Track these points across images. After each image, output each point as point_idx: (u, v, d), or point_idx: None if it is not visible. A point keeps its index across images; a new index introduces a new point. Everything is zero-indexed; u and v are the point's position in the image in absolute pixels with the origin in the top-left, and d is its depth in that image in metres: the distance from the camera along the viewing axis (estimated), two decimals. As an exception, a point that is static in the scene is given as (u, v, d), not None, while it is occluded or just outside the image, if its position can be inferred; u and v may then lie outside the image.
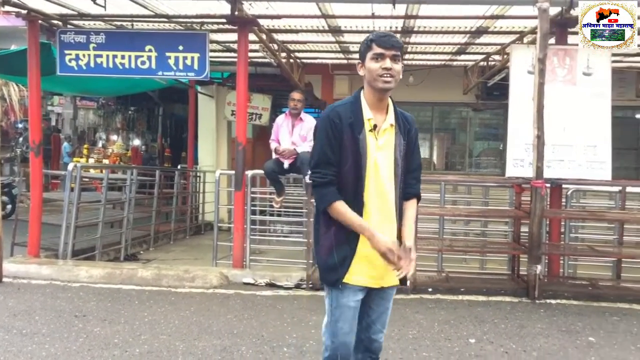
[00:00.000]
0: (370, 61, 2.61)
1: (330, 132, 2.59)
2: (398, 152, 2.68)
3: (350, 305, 2.65)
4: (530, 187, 6.15)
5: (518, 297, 6.21)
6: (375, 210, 2.63)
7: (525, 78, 6.55)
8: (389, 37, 2.61)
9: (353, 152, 2.59)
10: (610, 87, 6.58)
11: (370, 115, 2.64)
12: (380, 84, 2.59)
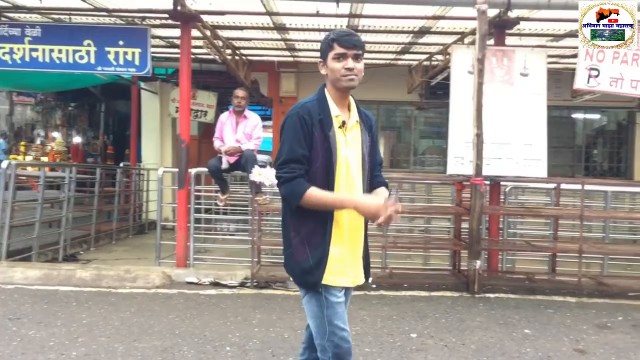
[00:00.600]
0: (333, 61, 2.58)
1: (300, 129, 2.53)
2: (365, 147, 2.68)
3: (339, 301, 2.60)
4: (470, 184, 6.31)
5: (459, 292, 6.36)
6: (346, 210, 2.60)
7: (465, 78, 6.70)
8: (350, 36, 2.57)
9: (323, 150, 2.54)
10: (545, 87, 6.81)
11: (338, 112, 2.62)
12: (344, 84, 2.57)
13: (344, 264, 2.61)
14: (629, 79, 6.36)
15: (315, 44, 9.67)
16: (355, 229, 2.65)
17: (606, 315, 5.66)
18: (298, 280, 2.64)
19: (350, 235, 2.63)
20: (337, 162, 2.57)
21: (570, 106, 12.27)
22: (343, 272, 2.62)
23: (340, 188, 2.58)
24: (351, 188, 2.61)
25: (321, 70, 2.66)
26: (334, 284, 2.58)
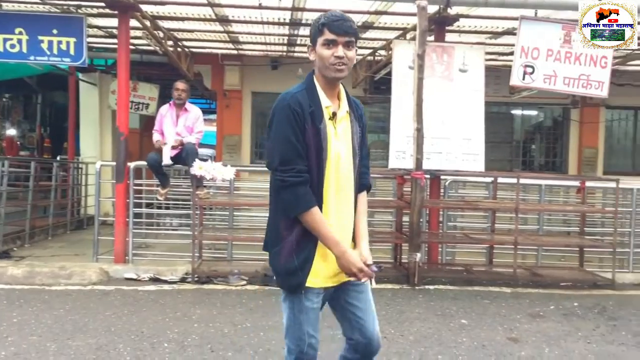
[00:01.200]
0: (322, 47, 2.39)
1: (293, 121, 2.35)
2: (355, 140, 2.51)
3: (314, 307, 2.49)
4: (411, 178, 6.40)
5: (400, 284, 6.46)
6: (333, 207, 2.45)
7: (406, 73, 6.79)
8: (342, 22, 2.36)
9: (315, 144, 2.38)
10: (483, 84, 6.97)
11: (328, 103, 2.44)
12: (332, 73, 2.39)
13: (325, 262, 2.46)
14: (562, 77, 6.58)
15: (259, 37, 9.60)
16: (343, 225, 2.49)
17: (539, 304, 5.86)
18: (280, 281, 2.49)
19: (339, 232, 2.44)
20: (327, 158, 2.41)
21: (509, 102, 12.61)
22: (324, 273, 2.47)
23: (329, 185, 2.43)
24: (340, 185, 2.46)
25: (310, 56, 2.48)
26: (314, 285, 2.44)
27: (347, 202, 2.50)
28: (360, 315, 2.58)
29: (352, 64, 2.46)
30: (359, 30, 8.35)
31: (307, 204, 2.34)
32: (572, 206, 7.50)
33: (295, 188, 2.34)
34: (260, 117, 12.94)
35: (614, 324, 5.25)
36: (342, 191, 2.47)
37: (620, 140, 13.21)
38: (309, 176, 2.37)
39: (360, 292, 2.57)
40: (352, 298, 2.56)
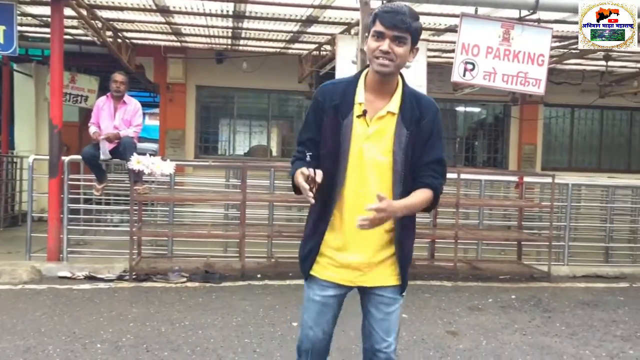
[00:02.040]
0: (371, 39, 2.28)
1: (314, 110, 2.37)
2: (397, 144, 2.30)
3: (315, 299, 2.47)
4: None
5: (342, 279, 6.44)
6: (353, 204, 2.33)
7: (350, 68, 6.76)
8: (393, 14, 2.23)
9: (333, 137, 2.31)
10: (426, 80, 7.03)
11: (362, 99, 2.32)
12: (375, 67, 2.27)
13: (339, 259, 2.40)
14: (501, 74, 6.69)
15: (203, 29, 9.40)
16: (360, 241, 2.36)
17: (478, 297, 5.97)
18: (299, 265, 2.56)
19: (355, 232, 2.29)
20: (349, 154, 2.30)
21: (453, 99, 12.82)
22: (334, 269, 2.42)
23: (350, 182, 2.32)
24: (364, 185, 2.32)
25: (364, 46, 2.37)
26: (321, 276, 2.43)
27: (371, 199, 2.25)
28: (373, 324, 2.49)
29: (403, 62, 2.30)
30: (302, 24, 8.38)
31: (292, 172, 2.32)
32: (511, 201, 7.66)
33: (295, 162, 2.35)
34: (205, 111, 12.73)
35: (548, 315, 5.39)
36: (366, 194, 2.30)
37: (558, 137, 13.63)
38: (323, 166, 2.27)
39: (380, 303, 2.46)
40: (372, 305, 2.49)
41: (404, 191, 2.32)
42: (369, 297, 2.48)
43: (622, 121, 13.73)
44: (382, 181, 2.32)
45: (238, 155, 12.98)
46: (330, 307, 2.50)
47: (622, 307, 5.75)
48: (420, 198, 2.31)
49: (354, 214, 2.27)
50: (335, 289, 2.46)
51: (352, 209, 2.33)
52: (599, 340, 4.69)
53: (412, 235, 2.53)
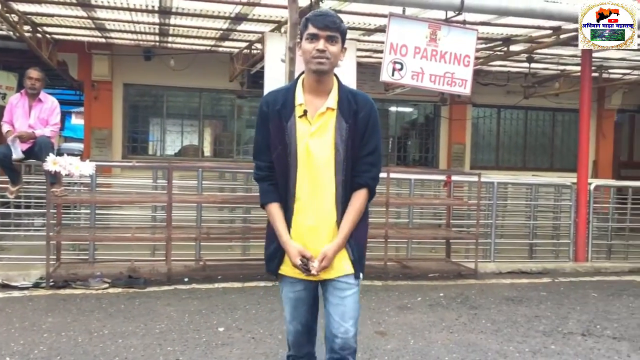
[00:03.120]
0: (305, 41, 2.48)
1: (260, 120, 2.56)
2: (338, 137, 2.50)
3: (289, 296, 2.66)
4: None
5: (272, 282, 6.32)
6: (307, 201, 2.53)
7: (279, 66, 6.67)
8: (324, 17, 2.47)
9: (280, 140, 2.50)
10: (355, 79, 7.02)
11: (301, 101, 2.51)
12: (313, 66, 2.46)
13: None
14: (429, 74, 6.76)
15: (128, 24, 9.07)
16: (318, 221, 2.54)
17: (407, 296, 5.98)
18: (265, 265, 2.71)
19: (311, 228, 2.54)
20: (297, 153, 2.50)
21: (384, 99, 12.94)
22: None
23: (301, 180, 2.51)
24: (314, 180, 2.52)
25: (298, 52, 2.56)
26: (285, 273, 2.61)
27: (323, 198, 2.53)
28: (330, 309, 2.60)
29: (337, 60, 2.51)
30: (232, 21, 8.21)
31: (264, 199, 2.58)
32: (439, 199, 7.76)
33: (259, 184, 2.61)
34: (134, 110, 12.34)
35: (475, 312, 5.46)
36: (318, 187, 2.52)
37: (485, 137, 14.01)
38: (277, 170, 2.53)
39: (335, 288, 2.59)
40: (328, 292, 2.61)
41: (345, 176, 2.52)
42: (327, 287, 2.62)
43: (545, 121, 14.25)
44: (327, 173, 2.51)
45: (169, 155, 12.65)
46: (302, 300, 2.66)
47: (544, 302, 5.90)
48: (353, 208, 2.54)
49: (307, 210, 2.53)
50: (302, 283, 2.61)
51: (306, 205, 2.53)
52: (523, 336, 4.77)
53: (362, 228, 2.64)
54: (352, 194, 2.55)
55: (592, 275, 7.30)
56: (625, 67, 11.11)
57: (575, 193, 7.96)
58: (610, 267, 7.72)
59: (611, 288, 6.62)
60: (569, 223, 8.21)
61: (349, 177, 2.53)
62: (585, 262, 7.81)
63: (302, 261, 2.49)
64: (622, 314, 5.51)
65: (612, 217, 9.20)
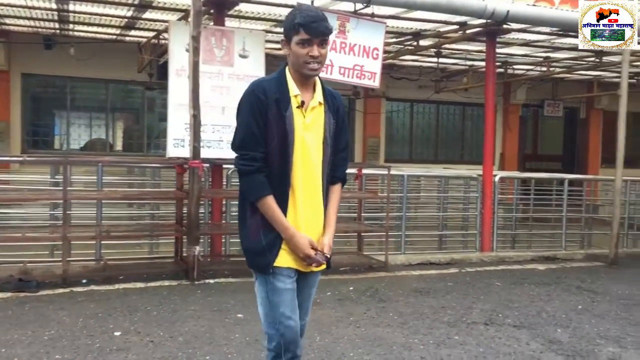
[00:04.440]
0: (297, 46, 2.45)
1: (255, 108, 2.45)
2: (328, 131, 2.56)
3: (287, 288, 2.54)
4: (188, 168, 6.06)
5: (178, 280, 6.09)
6: (302, 192, 2.53)
7: (184, 56, 6.39)
8: (318, 23, 2.43)
9: (279, 130, 2.46)
10: (264, 70, 6.85)
11: (297, 92, 2.51)
12: (307, 71, 2.48)
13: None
14: (338, 66, 6.71)
15: (23, 10, 8.48)
16: (313, 212, 2.57)
17: (317, 291, 5.73)
18: (249, 262, 2.59)
19: (307, 219, 2.55)
20: (295, 144, 2.48)
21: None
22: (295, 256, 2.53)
23: (297, 171, 2.50)
24: (309, 173, 2.54)
25: (283, 49, 2.53)
26: (286, 264, 2.52)
27: (316, 190, 2.57)
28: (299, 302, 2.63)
29: (325, 60, 2.54)
30: (136, 9, 7.84)
31: (258, 192, 2.47)
32: (350, 193, 7.74)
33: (249, 177, 2.49)
34: (34, 102, 11.61)
35: (383, 305, 5.46)
36: (311, 179, 2.54)
37: (399, 131, 14.22)
38: (273, 161, 2.47)
39: (306, 285, 2.66)
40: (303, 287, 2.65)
41: (329, 171, 2.60)
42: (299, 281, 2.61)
43: (455, 115, 14.64)
44: (317, 166, 2.55)
45: (74, 149, 12.00)
46: (295, 292, 2.60)
47: (450, 293, 5.99)
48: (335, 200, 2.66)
49: (303, 202, 2.53)
50: (295, 274, 2.58)
51: (302, 194, 2.53)
52: (428, 328, 4.80)
53: None
54: (330, 187, 2.64)
55: (496, 265, 7.52)
56: (528, 63, 11.57)
57: (481, 185, 8.17)
58: (514, 256, 7.98)
59: (514, 277, 6.83)
60: (476, 214, 8.43)
61: (330, 168, 2.61)
62: (491, 251, 8.04)
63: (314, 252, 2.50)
64: (523, 302, 5.68)
65: (516, 208, 9.53)
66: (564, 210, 9.10)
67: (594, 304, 5.65)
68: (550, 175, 10.71)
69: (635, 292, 6.18)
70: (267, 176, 2.48)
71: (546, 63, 11.30)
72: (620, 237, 8.37)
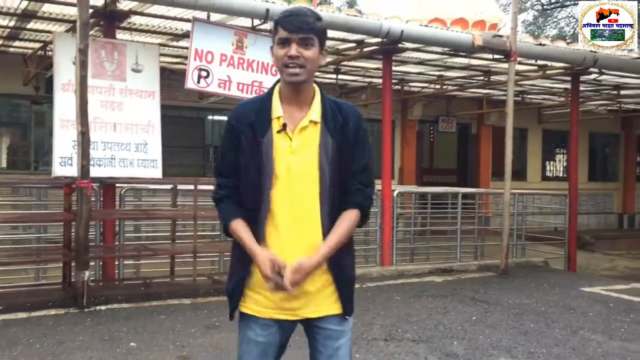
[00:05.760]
0: (277, 47, 2.14)
1: (228, 135, 2.22)
2: (323, 154, 2.16)
3: (258, 340, 2.21)
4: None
5: (66, 308, 5.68)
6: (288, 228, 2.16)
7: (71, 69, 6.06)
8: (294, 17, 2.11)
9: (253, 158, 2.15)
10: (159, 85, 6.63)
11: (280, 113, 2.17)
12: (286, 76, 2.14)
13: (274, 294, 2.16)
14: (236, 82, 6.60)
15: None
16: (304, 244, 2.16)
17: (216, 314, 5.70)
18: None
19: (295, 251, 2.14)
20: (275, 173, 2.15)
21: (200, 107, 12.59)
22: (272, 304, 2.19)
23: (282, 201, 2.16)
24: (296, 203, 2.17)
25: (272, 58, 2.22)
26: (259, 314, 2.20)
27: (309, 225, 2.18)
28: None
29: (314, 66, 2.17)
30: (19, 19, 7.35)
31: (226, 218, 2.22)
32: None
33: (218, 205, 2.27)
34: None
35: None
36: (303, 213, 2.18)
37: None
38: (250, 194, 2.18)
39: (327, 337, 2.24)
40: (316, 341, 2.26)
41: (332, 205, 2.19)
42: (313, 334, 2.27)
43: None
44: (311, 195, 2.18)
45: (-50, 167, 11.06)
46: (273, 346, 2.26)
47: (352, 309, 6.00)
48: (340, 226, 2.19)
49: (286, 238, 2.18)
50: (275, 326, 2.23)
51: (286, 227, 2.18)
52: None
53: (349, 258, 2.31)
54: (343, 213, 2.21)
55: (396, 278, 7.64)
56: (423, 80, 12.00)
57: (381, 199, 8.31)
58: (413, 269, 8.16)
59: (412, 290, 6.96)
60: (376, 229, 8.55)
61: (337, 201, 2.20)
62: (391, 265, 8.17)
63: (274, 271, 2.09)
64: (421, 315, 5.78)
65: (414, 221, 9.79)
66: (458, 222, 9.46)
67: (487, 315, 5.85)
68: (445, 189, 11.12)
69: (524, 301, 6.47)
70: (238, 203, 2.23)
71: (440, 81, 11.77)
72: (510, 247, 8.79)
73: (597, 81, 10.81)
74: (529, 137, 17.11)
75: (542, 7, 27.16)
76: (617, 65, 9.10)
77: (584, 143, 17.10)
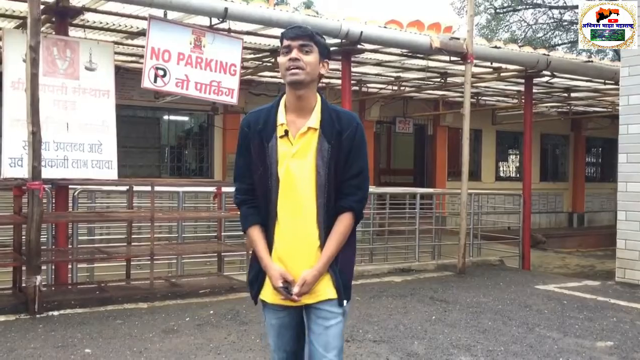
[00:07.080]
0: (281, 57, 2.43)
1: (241, 141, 2.50)
2: (319, 158, 2.40)
3: (272, 323, 2.57)
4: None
5: (16, 314, 5.48)
6: (288, 225, 2.45)
7: (21, 67, 5.83)
8: (295, 28, 2.43)
9: (261, 161, 2.43)
10: (113, 84, 6.46)
11: (283, 120, 2.43)
12: (288, 78, 2.38)
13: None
14: (194, 81, 6.50)
15: None
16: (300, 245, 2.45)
17: (174, 317, 5.60)
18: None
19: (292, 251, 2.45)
20: (277, 175, 2.42)
21: (156, 107, 12.38)
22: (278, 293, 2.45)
23: (282, 203, 2.44)
24: (295, 204, 2.43)
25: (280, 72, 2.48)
26: (268, 299, 2.52)
27: (305, 222, 2.44)
28: (313, 339, 2.49)
29: (314, 71, 2.41)
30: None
31: (245, 224, 2.52)
32: (207, 212, 7.52)
33: (240, 208, 2.53)
34: None
35: (244, 328, 5.29)
36: (300, 210, 2.44)
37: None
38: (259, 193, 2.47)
39: (320, 317, 2.48)
40: (311, 321, 2.50)
41: (327, 205, 2.43)
42: (309, 314, 2.51)
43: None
44: (308, 196, 2.43)
45: None
46: (286, 327, 2.57)
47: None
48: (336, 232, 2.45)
49: (288, 234, 2.44)
50: (286, 309, 2.52)
51: (287, 228, 2.45)
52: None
53: (348, 248, 2.54)
54: (337, 217, 2.46)
55: (356, 279, 7.60)
56: (381, 82, 12.08)
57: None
58: (372, 269, 8.19)
59: (373, 290, 6.99)
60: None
61: (331, 200, 2.45)
62: (351, 266, 8.16)
63: (284, 284, 2.41)
64: (382, 316, 5.80)
65: (373, 222, 9.83)
66: (416, 222, 9.55)
67: (446, 314, 5.92)
68: (403, 190, 11.22)
69: (481, 300, 6.58)
70: (255, 207, 2.50)
71: (397, 82, 11.87)
72: (467, 246, 8.92)
73: (549, 83, 11.16)
74: (483, 138, 17.46)
75: (495, 10, 27.70)
76: (568, 68, 9.46)
77: (536, 144, 17.56)
